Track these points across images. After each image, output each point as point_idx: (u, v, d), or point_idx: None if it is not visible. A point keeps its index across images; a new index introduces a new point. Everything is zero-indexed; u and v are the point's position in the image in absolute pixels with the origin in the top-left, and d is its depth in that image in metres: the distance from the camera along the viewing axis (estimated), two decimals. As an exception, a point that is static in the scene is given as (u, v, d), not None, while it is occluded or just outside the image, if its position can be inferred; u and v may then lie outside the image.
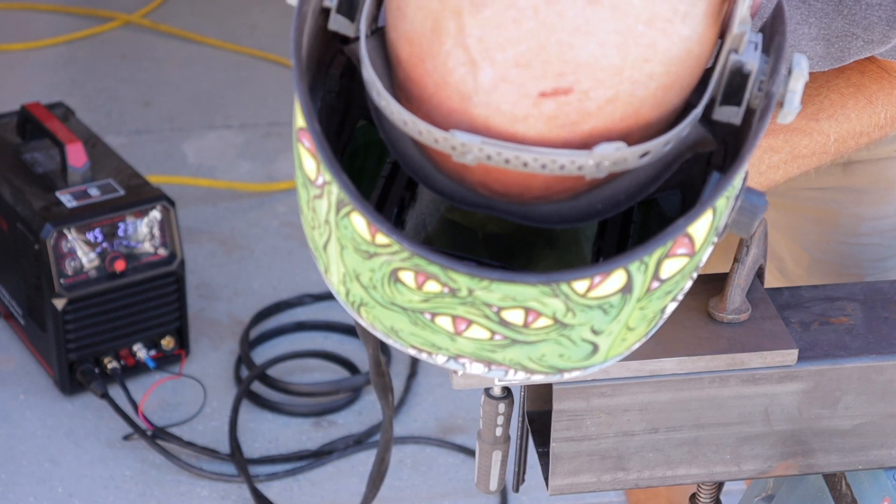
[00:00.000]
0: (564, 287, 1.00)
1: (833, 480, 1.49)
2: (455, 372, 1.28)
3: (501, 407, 1.37)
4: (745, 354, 1.34)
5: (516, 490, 1.48)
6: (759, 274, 1.41)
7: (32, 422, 3.03)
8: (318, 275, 3.65)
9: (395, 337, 1.07)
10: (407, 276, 1.01)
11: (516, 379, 1.08)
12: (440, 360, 1.07)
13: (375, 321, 1.07)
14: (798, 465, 1.41)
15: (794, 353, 1.34)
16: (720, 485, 1.52)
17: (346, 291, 1.07)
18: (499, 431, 1.38)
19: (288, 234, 3.66)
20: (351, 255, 1.04)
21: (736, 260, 1.36)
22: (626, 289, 1.02)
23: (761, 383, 1.35)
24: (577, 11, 0.97)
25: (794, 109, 1.04)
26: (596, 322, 1.03)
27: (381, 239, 1.01)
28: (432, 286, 1.01)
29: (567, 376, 1.08)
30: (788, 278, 1.80)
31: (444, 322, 1.03)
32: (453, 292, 1.01)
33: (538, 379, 1.08)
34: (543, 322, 1.02)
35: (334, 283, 1.08)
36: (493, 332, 1.03)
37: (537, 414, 1.42)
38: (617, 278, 1.01)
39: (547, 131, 1.00)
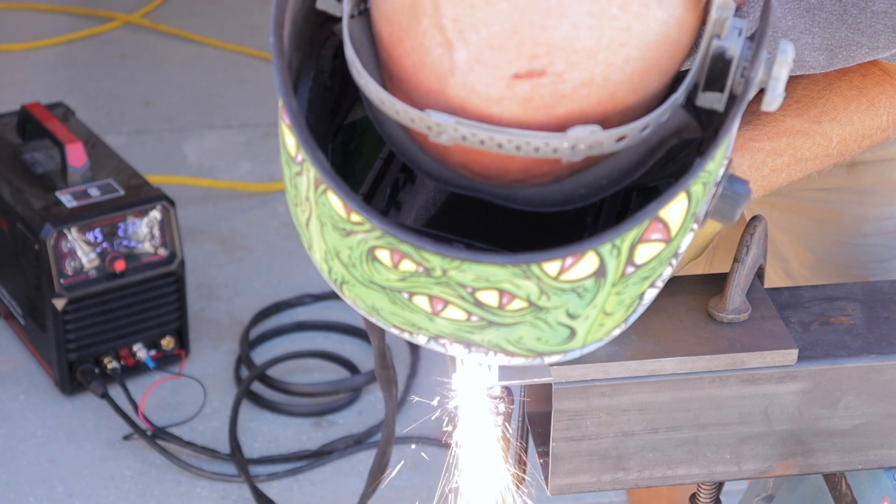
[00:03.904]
0: (535, 269, 1.01)
1: (833, 480, 1.49)
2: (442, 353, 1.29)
3: (501, 407, 1.37)
4: (745, 354, 1.34)
5: (516, 490, 1.48)
6: (759, 274, 1.41)
7: (32, 422, 3.03)
8: (318, 275, 3.64)
9: (377, 316, 1.08)
10: (383, 255, 1.03)
11: (497, 361, 1.09)
12: (421, 340, 1.08)
13: (357, 299, 1.08)
14: (798, 465, 1.41)
15: (794, 353, 1.34)
16: (720, 485, 1.52)
17: (329, 269, 1.09)
18: (499, 431, 1.38)
19: (288, 234, 3.66)
20: (330, 232, 1.05)
21: (736, 260, 1.36)
22: (600, 273, 1.02)
23: (761, 383, 1.35)
24: None
25: (777, 97, 1.04)
26: (571, 306, 1.04)
27: (356, 217, 1.02)
28: (407, 265, 1.02)
29: (548, 360, 1.09)
30: (793, 279, 1.80)
31: (422, 301, 1.04)
32: (428, 272, 1.02)
33: (519, 362, 1.09)
34: (518, 304, 1.03)
35: (317, 260, 1.10)
36: (470, 313, 1.04)
37: (537, 414, 1.42)
38: (588, 262, 1.01)
39: (522, 113, 1.00)
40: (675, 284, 1.40)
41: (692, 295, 1.39)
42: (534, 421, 1.43)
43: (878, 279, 1.73)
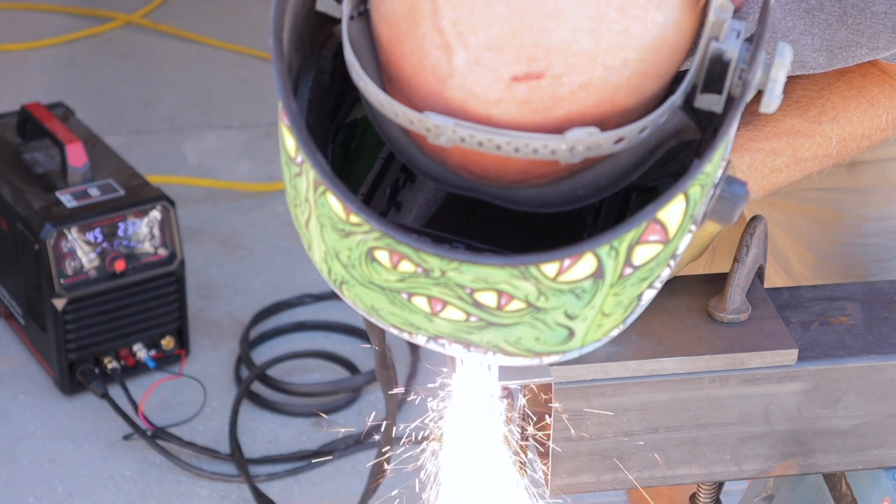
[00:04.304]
0: (534, 270, 1.01)
1: (833, 480, 1.49)
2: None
3: (501, 407, 1.36)
4: (745, 354, 1.34)
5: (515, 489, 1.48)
6: (759, 274, 1.41)
7: (32, 422, 3.03)
8: (318, 275, 3.64)
9: (377, 316, 1.09)
10: (382, 256, 1.03)
11: (496, 361, 1.09)
12: (420, 339, 1.09)
13: (357, 299, 1.09)
14: (798, 465, 1.41)
15: (794, 352, 1.34)
16: (720, 485, 1.52)
17: (328, 269, 1.09)
18: (498, 432, 1.38)
19: (288, 234, 3.66)
20: (329, 233, 1.05)
21: (736, 260, 1.36)
22: (598, 274, 1.03)
23: (761, 383, 1.35)
24: None
25: (775, 99, 1.05)
26: (569, 307, 1.04)
27: (355, 218, 1.03)
28: (406, 266, 1.03)
29: (546, 360, 1.09)
30: (794, 278, 1.80)
31: (421, 302, 1.05)
32: (427, 273, 1.02)
33: (518, 362, 1.09)
34: (517, 305, 1.03)
35: (317, 260, 1.11)
36: (469, 314, 1.04)
37: (537, 414, 1.42)
38: (587, 263, 1.02)
39: (521, 115, 1.01)
40: (675, 284, 1.40)
41: (692, 295, 1.39)
42: (534, 421, 1.43)
43: (878, 279, 1.73)
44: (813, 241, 1.76)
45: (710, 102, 1.07)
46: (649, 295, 1.10)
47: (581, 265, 1.02)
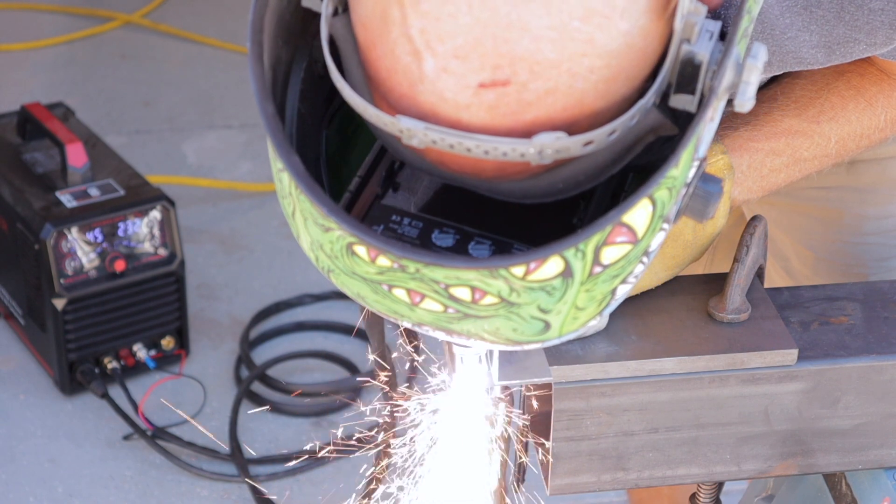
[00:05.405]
0: (503, 271, 1.02)
1: (833, 480, 1.49)
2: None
3: (501, 407, 1.36)
4: (744, 354, 1.34)
5: (516, 490, 1.48)
6: (759, 274, 1.41)
7: (32, 422, 3.03)
8: (318, 275, 3.64)
9: (363, 302, 1.11)
10: (360, 250, 1.06)
11: (478, 346, 1.11)
12: (406, 324, 1.11)
13: (343, 286, 1.11)
14: (798, 465, 1.41)
15: (794, 352, 1.34)
16: (720, 485, 1.52)
17: (316, 258, 1.12)
18: (499, 431, 1.38)
19: (288, 234, 3.66)
20: (312, 226, 1.08)
21: (736, 260, 1.36)
22: (566, 273, 1.04)
23: (761, 383, 1.35)
24: (510, 8, 1.00)
25: (747, 100, 1.05)
26: (541, 302, 1.06)
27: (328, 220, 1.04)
28: (384, 261, 1.05)
29: (527, 348, 1.11)
30: (794, 278, 1.80)
31: (401, 293, 1.07)
32: (402, 268, 1.05)
33: (502, 348, 1.11)
34: (490, 300, 1.05)
35: (305, 249, 1.13)
36: (446, 306, 1.06)
37: (537, 414, 1.42)
38: (553, 264, 1.03)
39: (490, 119, 1.02)
40: (675, 284, 1.40)
41: (692, 295, 1.39)
42: (534, 421, 1.43)
43: (878, 278, 1.73)
44: (813, 240, 1.77)
45: (683, 102, 1.08)
46: (623, 290, 1.11)
47: (547, 266, 1.03)
